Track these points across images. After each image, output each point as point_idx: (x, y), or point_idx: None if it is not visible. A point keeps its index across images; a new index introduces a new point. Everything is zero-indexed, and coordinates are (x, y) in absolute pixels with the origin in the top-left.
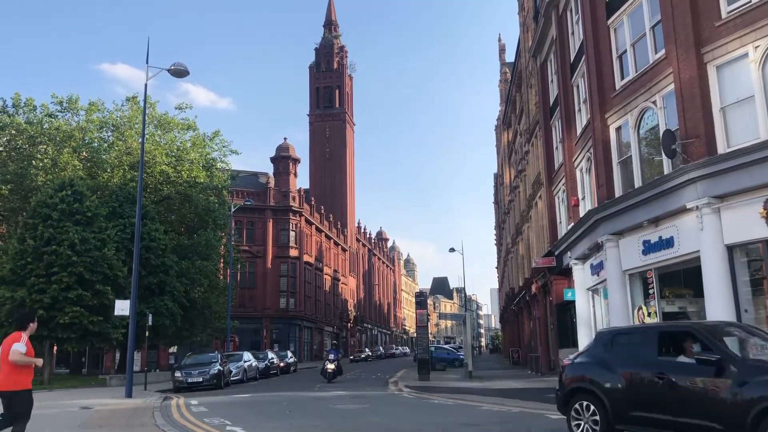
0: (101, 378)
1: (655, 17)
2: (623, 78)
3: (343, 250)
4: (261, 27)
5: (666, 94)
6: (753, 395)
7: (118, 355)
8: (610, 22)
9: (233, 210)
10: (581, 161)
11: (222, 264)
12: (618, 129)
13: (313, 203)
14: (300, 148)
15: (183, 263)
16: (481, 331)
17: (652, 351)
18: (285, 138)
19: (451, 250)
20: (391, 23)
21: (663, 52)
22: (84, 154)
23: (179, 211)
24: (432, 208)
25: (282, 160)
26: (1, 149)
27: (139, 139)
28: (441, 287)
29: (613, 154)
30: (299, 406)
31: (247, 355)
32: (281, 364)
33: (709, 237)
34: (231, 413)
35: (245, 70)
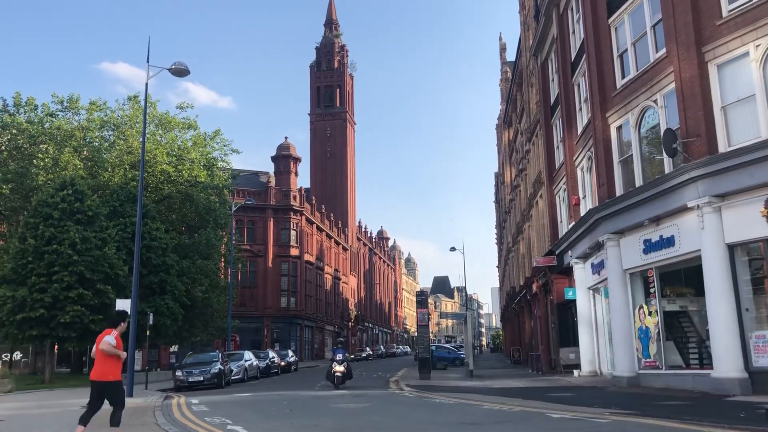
0: None
1: (656, 16)
2: (624, 77)
3: (344, 249)
4: (261, 26)
5: (667, 92)
6: None
7: None
8: (610, 20)
9: (234, 209)
10: (582, 160)
11: (223, 263)
12: (619, 128)
13: (314, 202)
14: (301, 147)
15: (184, 262)
16: (482, 330)
17: None
18: (286, 137)
19: (452, 249)
20: (392, 22)
21: (664, 50)
22: (85, 153)
23: (180, 211)
24: (433, 207)
25: (283, 159)
26: (2, 148)
27: (140, 139)
28: (442, 286)
29: (614, 153)
30: (300, 405)
31: (248, 355)
32: (282, 363)
33: (710, 236)
34: (232, 412)
35: (246, 69)
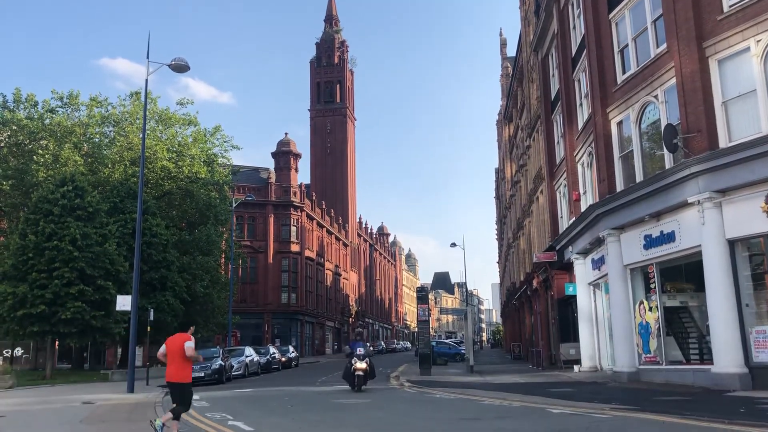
0: (103, 373)
1: (657, 11)
2: (625, 72)
3: (345, 245)
4: (261, 21)
5: (667, 88)
6: None
7: (119, 351)
8: (611, 16)
9: (234, 205)
10: (582, 156)
11: (223, 259)
12: (619, 123)
13: (315, 198)
14: (301, 143)
15: (184, 258)
16: (482, 326)
17: None
18: (286, 133)
19: (453, 245)
20: (392, 18)
21: (664, 46)
22: (85, 149)
23: (180, 207)
24: (433, 203)
25: (283, 155)
26: (2, 145)
27: (141, 135)
28: (442, 282)
29: (615, 148)
30: (301, 400)
31: (249, 350)
32: (283, 359)
33: (711, 231)
34: (233, 408)
35: (246, 64)
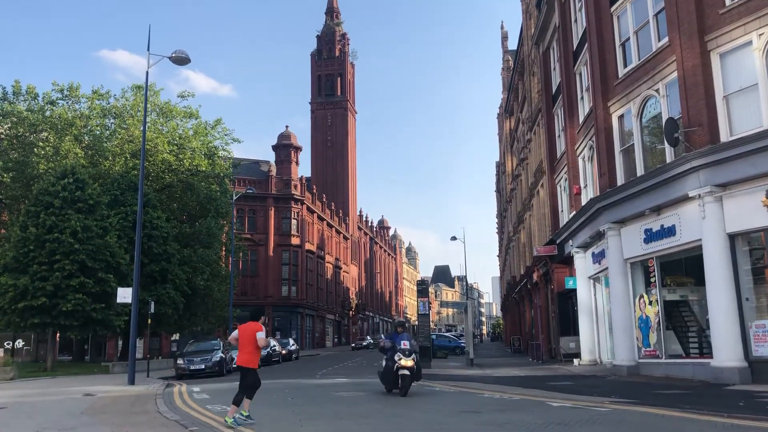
0: (104, 365)
1: (659, 4)
2: (626, 66)
3: (345, 238)
4: (262, 14)
5: (669, 82)
6: None
7: (120, 343)
8: (613, 9)
9: (235, 198)
10: (583, 149)
11: (224, 252)
12: (620, 117)
13: (315, 191)
14: (301, 135)
15: (185, 251)
16: (483, 319)
17: None
18: (286, 126)
19: (453, 238)
20: (393, 10)
21: (666, 39)
22: (86, 141)
23: (181, 200)
24: (433, 197)
25: (283, 148)
26: (3, 137)
27: (141, 127)
28: (442, 275)
29: (616, 142)
30: (301, 393)
31: None
32: (283, 351)
33: (711, 225)
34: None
35: (246, 57)
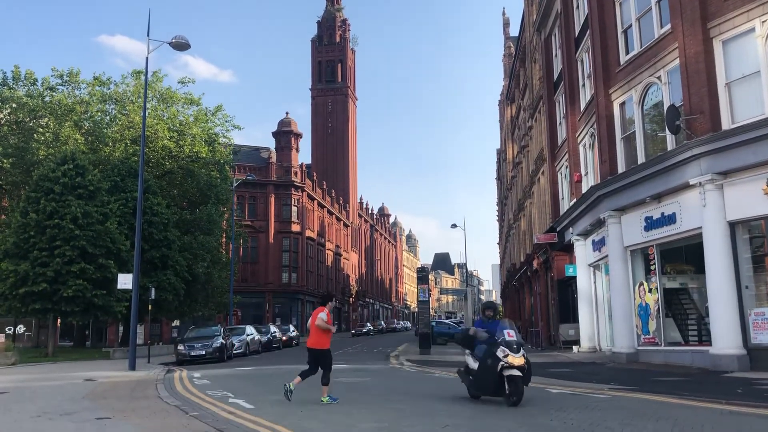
0: (105, 351)
1: None
2: (628, 53)
3: (345, 225)
4: None
5: (671, 69)
6: None
7: (121, 329)
8: None
9: (235, 185)
10: (584, 137)
11: (224, 239)
12: (622, 104)
13: (315, 178)
14: (302, 122)
15: (185, 238)
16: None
17: None
18: (287, 112)
19: (453, 225)
20: None
21: (668, 26)
22: (86, 127)
23: (181, 186)
24: (434, 184)
25: (284, 134)
26: (2, 123)
27: (141, 113)
28: (443, 263)
29: (617, 129)
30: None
31: (250, 329)
32: (284, 338)
33: (712, 213)
34: (233, 386)
35: (246, 42)
